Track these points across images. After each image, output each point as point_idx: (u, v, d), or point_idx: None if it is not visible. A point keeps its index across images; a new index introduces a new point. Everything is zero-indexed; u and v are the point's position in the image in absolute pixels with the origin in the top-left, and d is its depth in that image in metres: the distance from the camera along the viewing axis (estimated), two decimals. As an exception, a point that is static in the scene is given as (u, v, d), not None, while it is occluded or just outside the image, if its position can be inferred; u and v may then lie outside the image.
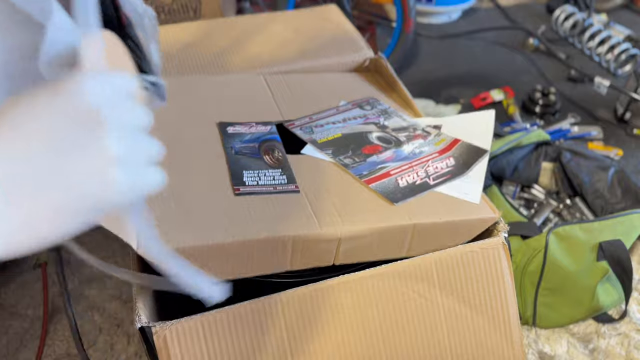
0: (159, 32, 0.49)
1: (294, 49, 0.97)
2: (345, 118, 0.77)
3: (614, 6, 1.91)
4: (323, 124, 0.75)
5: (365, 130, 0.74)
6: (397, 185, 0.64)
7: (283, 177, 0.63)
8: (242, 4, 1.82)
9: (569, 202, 1.10)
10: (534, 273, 0.87)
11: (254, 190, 0.61)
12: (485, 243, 0.61)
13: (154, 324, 0.53)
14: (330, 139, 0.72)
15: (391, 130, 0.74)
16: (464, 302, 0.61)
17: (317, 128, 0.74)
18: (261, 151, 0.67)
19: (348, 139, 0.72)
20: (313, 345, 0.57)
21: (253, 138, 0.69)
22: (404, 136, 0.73)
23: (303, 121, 0.76)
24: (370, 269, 0.58)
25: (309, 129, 0.73)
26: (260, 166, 0.65)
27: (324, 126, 0.74)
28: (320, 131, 0.73)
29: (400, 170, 0.67)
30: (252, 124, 0.72)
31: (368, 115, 0.77)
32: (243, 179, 0.62)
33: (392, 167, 0.67)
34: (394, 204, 0.61)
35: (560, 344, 0.89)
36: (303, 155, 0.69)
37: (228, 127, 0.72)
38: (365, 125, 0.75)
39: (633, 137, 1.34)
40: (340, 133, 0.73)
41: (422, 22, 1.86)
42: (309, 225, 0.58)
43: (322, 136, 0.72)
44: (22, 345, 0.91)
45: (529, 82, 1.54)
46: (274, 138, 0.70)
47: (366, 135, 0.73)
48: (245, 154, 0.66)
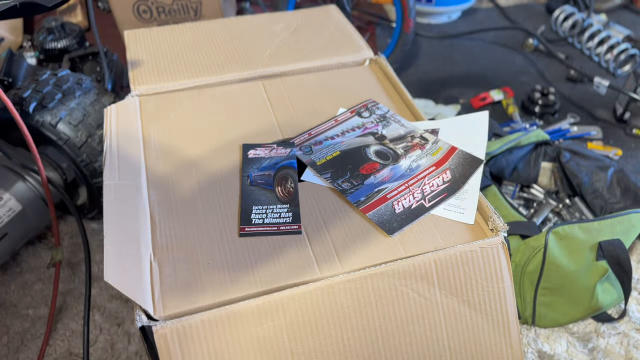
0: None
1: (294, 49, 0.98)
2: (343, 130, 0.78)
3: (614, 6, 1.91)
4: (322, 140, 0.76)
5: (364, 144, 0.75)
6: (393, 212, 0.65)
7: (289, 214, 0.65)
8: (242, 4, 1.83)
9: (568, 202, 1.10)
10: (534, 272, 0.88)
11: (258, 230, 0.63)
12: (484, 242, 0.61)
13: (154, 323, 0.53)
14: (329, 159, 0.73)
15: (389, 141, 0.75)
16: (464, 301, 0.61)
17: (316, 146, 0.75)
18: (275, 181, 0.70)
19: (346, 158, 0.73)
20: (313, 345, 0.57)
21: (271, 164, 0.72)
22: (402, 147, 0.74)
23: (302, 138, 0.77)
24: (370, 268, 0.59)
25: (308, 149, 0.75)
26: (271, 200, 0.67)
27: (323, 143, 0.76)
28: (319, 150, 0.75)
29: (397, 192, 0.68)
30: (274, 147, 0.75)
31: (367, 125, 0.78)
32: (251, 216, 0.65)
33: (389, 189, 0.68)
34: (390, 235, 0.62)
35: (560, 343, 0.89)
36: (304, 183, 0.71)
37: (250, 150, 0.74)
38: (364, 137, 0.76)
39: (632, 137, 1.34)
40: (339, 151, 0.74)
41: (421, 22, 1.87)
42: (308, 271, 0.59)
43: (321, 156, 0.73)
44: (23, 345, 0.91)
45: (528, 82, 1.54)
46: (291, 165, 0.72)
47: (364, 150, 0.74)
48: (259, 184, 0.69)
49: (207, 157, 0.74)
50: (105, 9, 1.88)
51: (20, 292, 1.00)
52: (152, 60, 0.94)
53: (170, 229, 0.64)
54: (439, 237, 0.63)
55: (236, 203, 0.67)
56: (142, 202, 0.67)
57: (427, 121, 0.80)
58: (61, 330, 0.93)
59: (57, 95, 0.96)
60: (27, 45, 1.61)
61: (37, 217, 0.99)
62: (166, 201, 0.67)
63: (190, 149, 0.76)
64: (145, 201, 0.67)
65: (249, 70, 0.92)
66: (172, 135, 0.78)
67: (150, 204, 0.67)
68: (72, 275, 1.02)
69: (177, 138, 0.78)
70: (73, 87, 1.00)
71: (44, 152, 1.00)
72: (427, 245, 0.62)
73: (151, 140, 0.77)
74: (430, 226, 0.64)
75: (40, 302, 0.98)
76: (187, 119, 0.81)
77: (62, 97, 0.97)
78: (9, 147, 1.02)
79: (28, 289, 1.00)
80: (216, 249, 0.61)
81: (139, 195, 0.67)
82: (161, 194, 0.68)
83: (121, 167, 0.71)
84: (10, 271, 1.03)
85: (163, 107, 0.84)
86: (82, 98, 0.99)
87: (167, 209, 0.66)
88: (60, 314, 0.96)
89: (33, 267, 1.04)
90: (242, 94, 0.87)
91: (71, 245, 1.08)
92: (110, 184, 0.68)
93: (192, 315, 0.54)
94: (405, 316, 0.60)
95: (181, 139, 0.78)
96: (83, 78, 1.03)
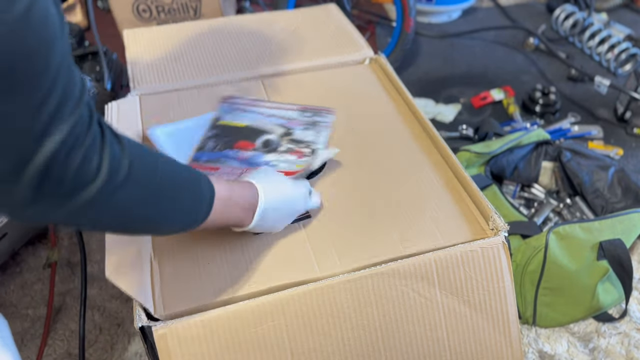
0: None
1: (293, 48, 0.97)
2: (275, 115, 0.78)
3: (614, 5, 1.91)
4: (254, 110, 0.79)
5: (267, 129, 0.76)
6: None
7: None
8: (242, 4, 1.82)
9: (569, 202, 1.10)
10: (534, 272, 0.87)
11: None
12: (485, 242, 0.61)
13: (154, 323, 0.53)
14: (231, 125, 0.76)
15: (288, 139, 0.75)
16: (464, 301, 0.61)
17: (241, 112, 0.78)
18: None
19: (241, 131, 0.75)
20: (313, 345, 0.57)
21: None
22: (287, 148, 0.73)
23: (246, 100, 0.80)
24: (370, 268, 0.59)
25: (238, 109, 0.78)
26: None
27: (247, 111, 0.78)
28: (238, 115, 0.78)
29: (226, 171, 0.69)
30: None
31: (293, 120, 0.78)
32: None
33: (227, 164, 0.70)
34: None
35: (561, 343, 0.89)
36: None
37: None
38: (275, 125, 0.77)
39: (633, 137, 1.34)
40: (246, 124, 0.76)
41: (422, 21, 1.86)
42: (308, 271, 0.58)
43: (230, 118, 0.77)
44: (23, 344, 0.91)
45: (529, 82, 1.54)
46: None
47: (262, 133, 0.75)
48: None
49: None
50: (104, 9, 1.88)
51: (20, 292, 1.00)
52: (152, 60, 0.93)
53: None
54: (439, 236, 0.63)
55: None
56: (141, 201, 0.66)
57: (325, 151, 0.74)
58: (60, 331, 0.93)
59: (56, 95, 0.96)
60: (27, 44, 1.61)
61: (37, 217, 0.99)
62: None
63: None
64: (145, 201, 0.67)
65: (249, 69, 0.91)
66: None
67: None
68: (72, 275, 1.02)
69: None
70: (73, 87, 1.00)
71: (43, 152, 1.00)
72: (427, 245, 0.62)
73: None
74: (431, 226, 0.64)
75: (40, 302, 0.98)
76: (186, 117, 0.81)
77: (62, 96, 0.97)
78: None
79: (28, 288, 1.00)
80: (216, 249, 0.61)
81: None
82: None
83: (121, 167, 0.70)
84: (10, 271, 1.03)
85: (163, 107, 0.84)
86: (82, 97, 0.99)
87: None
88: (59, 314, 0.96)
89: (33, 267, 1.04)
90: (242, 93, 0.87)
91: (71, 245, 1.08)
92: (110, 183, 0.67)
93: (192, 315, 0.54)
94: (405, 316, 0.59)
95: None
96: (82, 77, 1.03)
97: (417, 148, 0.76)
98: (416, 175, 0.72)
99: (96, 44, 1.18)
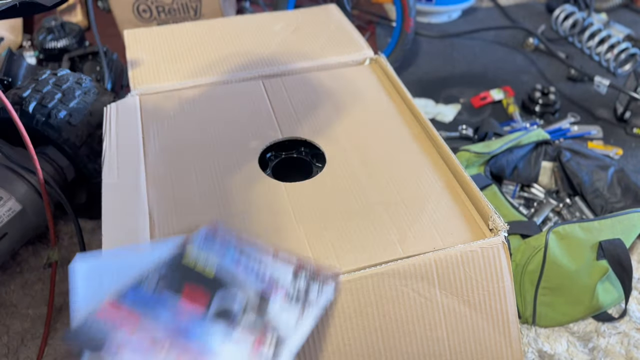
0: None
1: (294, 49, 0.97)
2: (259, 269, 0.55)
3: (614, 5, 1.91)
4: (224, 250, 0.56)
5: (235, 287, 0.52)
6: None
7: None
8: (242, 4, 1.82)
9: (568, 201, 1.10)
10: (534, 272, 0.88)
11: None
12: (485, 242, 0.61)
13: (154, 324, 0.52)
14: (199, 270, 0.53)
15: (255, 312, 0.50)
16: (464, 301, 0.61)
17: (219, 249, 0.56)
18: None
19: (210, 280, 0.52)
20: (313, 345, 0.57)
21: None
22: (247, 324, 0.49)
23: (233, 237, 0.58)
24: (370, 268, 0.59)
25: (217, 245, 0.57)
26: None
27: (226, 250, 0.56)
28: (213, 252, 0.56)
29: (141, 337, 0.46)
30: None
31: (277, 284, 0.54)
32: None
33: (154, 322, 0.47)
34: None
35: (560, 342, 0.89)
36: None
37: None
38: (252, 288, 0.53)
39: (633, 137, 1.34)
40: (214, 274, 0.53)
41: (422, 21, 1.86)
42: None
43: (202, 262, 0.54)
44: (23, 344, 0.91)
45: (528, 82, 1.54)
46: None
47: (226, 290, 0.52)
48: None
49: (207, 157, 0.74)
50: (105, 9, 1.88)
51: (20, 291, 1.00)
52: (152, 60, 0.93)
53: (169, 228, 0.64)
54: (439, 237, 0.63)
55: (235, 202, 0.67)
56: (141, 201, 0.66)
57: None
58: (61, 330, 0.93)
59: (56, 95, 0.96)
60: (27, 44, 1.61)
61: (37, 217, 0.99)
62: (165, 200, 0.67)
63: (189, 149, 0.76)
64: (144, 200, 0.67)
65: (249, 69, 0.92)
66: (171, 135, 0.78)
67: (149, 203, 0.67)
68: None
69: (176, 137, 0.78)
70: (73, 87, 1.00)
71: (43, 152, 1.00)
72: (427, 245, 0.62)
73: (150, 139, 0.77)
74: (431, 226, 0.64)
75: (40, 302, 0.98)
76: (186, 118, 0.81)
77: (62, 96, 0.97)
78: (9, 147, 1.01)
79: (28, 288, 1.00)
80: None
81: (138, 194, 0.67)
82: (160, 193, 0.68)
83: (120, 166, 0.71)
84: (10, 271, 1.03)
85: (163, 107, 0.84)
86: (82, 98, 0.99)
87: (166, 208, 0.66)
88: (60, 313, 0.96)
89: (33, 266, 1.04)
90: (242, 93, 0.87)
91: (71, 245, 1.08)
92: (110, 183, 0.68)
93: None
94: (405, 316, 0.59)
95: (180, 139, 0.77)
96: (83, 77, 1.03)
97: (417, 148, 0.77)
98: (416, 175, 0.72)
99: (96, 44, 1.18)
